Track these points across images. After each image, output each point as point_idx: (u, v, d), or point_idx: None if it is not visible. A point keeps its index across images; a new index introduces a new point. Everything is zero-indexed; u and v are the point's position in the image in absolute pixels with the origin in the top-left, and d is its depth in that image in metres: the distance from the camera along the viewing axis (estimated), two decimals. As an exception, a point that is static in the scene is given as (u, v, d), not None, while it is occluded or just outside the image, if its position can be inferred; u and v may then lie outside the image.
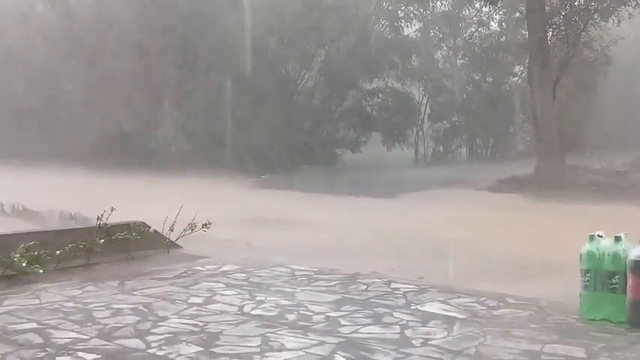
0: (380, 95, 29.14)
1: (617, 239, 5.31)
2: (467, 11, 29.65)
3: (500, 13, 28.49)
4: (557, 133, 20.84)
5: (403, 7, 28.60)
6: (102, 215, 7.83)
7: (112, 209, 7.81)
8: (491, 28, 29.96)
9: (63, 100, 26.80)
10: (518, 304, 6.01)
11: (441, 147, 30.23)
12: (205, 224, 8.54)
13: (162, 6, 26.48)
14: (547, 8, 21.46)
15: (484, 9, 28.37)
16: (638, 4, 20.41)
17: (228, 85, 25.85)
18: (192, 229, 8.57)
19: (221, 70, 26.15)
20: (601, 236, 5.42)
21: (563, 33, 22.24)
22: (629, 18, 22.14)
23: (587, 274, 5.40)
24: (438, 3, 28.58)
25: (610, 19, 22.37)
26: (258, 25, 25.82)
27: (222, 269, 7.51)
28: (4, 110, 27.07)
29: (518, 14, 25.67)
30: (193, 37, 26.08)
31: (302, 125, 27.34)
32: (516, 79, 29.65)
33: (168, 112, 26.43)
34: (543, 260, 8.42)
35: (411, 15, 29.33)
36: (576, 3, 21.14)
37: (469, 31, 30.34)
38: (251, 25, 25.64)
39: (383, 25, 29.40)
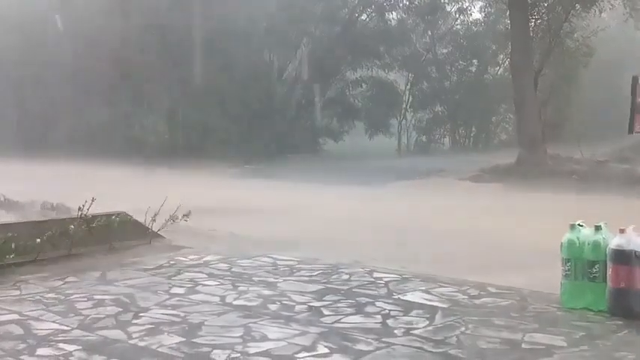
0: (363, 85, 29.16)
1: (598, 228, 5.34)
2: (450, 0, 29.66)
3: (483, 1, 28.58)
4: (539, 123, 20.97)
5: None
6: (83, 206, 7.76)
7: (93, 199, 7.74)
8: (473, 16, 30.04)
9: (43, 91, 26.53)
10: (500, 293, 6.04)
11: (424, 137, 30.32)
12: (185, 214, 8.49)
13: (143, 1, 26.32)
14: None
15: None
16: None
17: (210, 74, 25.73)
18: (174, 220, 8.52)
19: (203, 60, 26.02)
20: (581, 225, 5.45)
21: (545, 23, 22.32)
22: (610, 9, 22.28)
23: (568, 263, 5.44)
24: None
25: (591, 10, 22.47)
26: (242, 14, 25.71)
27: (204, 259, 7.48)
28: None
29: (499, 3, 25.73)
30: (174, 26, 25.89)
31: (285, 115, 27.30)
32: (499, 68, 29.76)
33: (150, 102, 26.27)
34: (524, 249, 8.47)
35: (395, 4, 29.30)
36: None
37: (452, 19, 30.38)
38: (234, 14, 25.53)
39: (368, 15, 29.36)
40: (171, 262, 7.32)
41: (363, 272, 6.88)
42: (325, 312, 5.47)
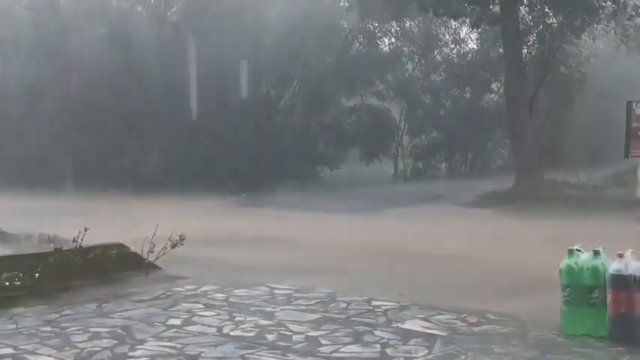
0: (357, 112, 29.31)
1: (596, 253, 5.33)
2: (444, 29, 29.90)
3: (477, 31, 28.81)
4: (535, 149, 21.04)
5: (381, 26, 28.79)
6: (77, 236, 7.72)
7: (86, 229, 7.69)
8: (468, 45, 30.30)
9: (38, 124, 26.52)
10: (499, 320, 6.01)
11: (420, 163, 30.39)
12: (180, 238, 8.35)
13: (143, 35, 26.53)
14: (521, 26, 21.75)
15: (463, 28, 28.70)
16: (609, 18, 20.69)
17: (206, 104, 25.83)
18: (172, 247, 8.43)
19: (198, 90, 26.14)
20: (580, 250, 5.44)
21: (537, 50, 22.52)
22: (603, 36, 22.52)
23: (567, 289, 5.42)
24: (416, 21, 28.77)
25: (583, 37, 22.70)
26: (237, 45, 25.90)
27: (201, 289, 7.44)
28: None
29: (493, 33, 25.98)
30: (169, 58, 26.08)
31: (282, 143, 27.35)
32: (493, 95, 29.94)
33: (146, 133, 26.30)
34: (523, 275, 8.45)
35: (389, 33, 29.54)
36: (550, 21, 21.45)
37: (446, 48, 30.65)
38: (230, 45, 25.72)
39: (361, 43, 29.58)
40: (168, 293, 7.28)
41: (360, 300, 6.84)
42: (323, 341, 5.43)
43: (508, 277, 8.52)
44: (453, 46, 30.55)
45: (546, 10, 21.51)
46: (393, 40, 29.94)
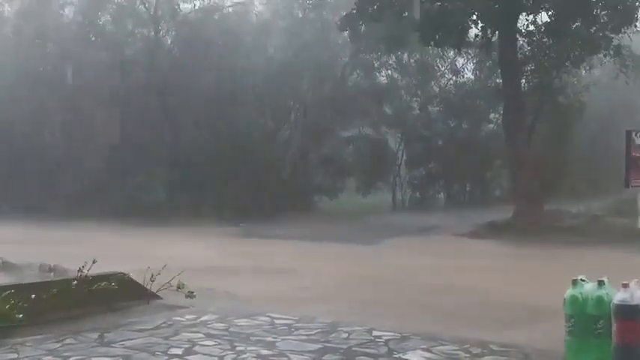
0: (354, 143, 29.41)
1: (600, 283, 5.30)
2: (439, 60, 30.11)
3: (474, 61, 29.04)
4: (534, 178, 21.04)
5: (378, 57, 29.03)
6: (83, 267, 7.72)
7: (94, 261, 7.70)
8: (465, 76, 30.47)
9: (40, 152, 26.60)
10: (502, 350, 5.97)
11: (418, 193, 30.40)
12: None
13: (142, 63, 26.74)
14: (519, 56, 21.93)
15: (458, 58, 28.89)
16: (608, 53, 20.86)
17: (206, 135, 25.97)
18: (170, 285, 8.41)
19: (197, 119, 26.29)
20: (584, 280, 5.42)
21: (536, 80, 22.67)
22: (601, 65, 22.68)
23: (571, 320, 5.38)
24: (413, 53, 28.98)
25: (582, 67, 22.87)
26: (235, 75, 26.11)
27: (201, 319, 7.40)
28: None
29: (490, 62, 26.18)
30: (171, 88, 26.25)
31: (279, 174, 27.37)
32: (492, 125, 30.06)
33: (146, 163, 26.37)
34: (525, 306, 8.40)
35: (387, 65, 29.73)
36: (548, 51, 21.62)
37: (443, 79, 30.84)
38: (229, 75, 25.93)
39: (359, 75, 29.77)
40: (169, 323, 7.23)
41: (362, 330, 6.80)
42: (325, 372, 5.39)
43: (510, 307, 8.47)
44: (450, 76, 30.75)
45: (544, 39, 21.66)
46: (390, 71, 30.14)
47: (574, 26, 20.39)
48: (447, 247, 16.49)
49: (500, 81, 23.57)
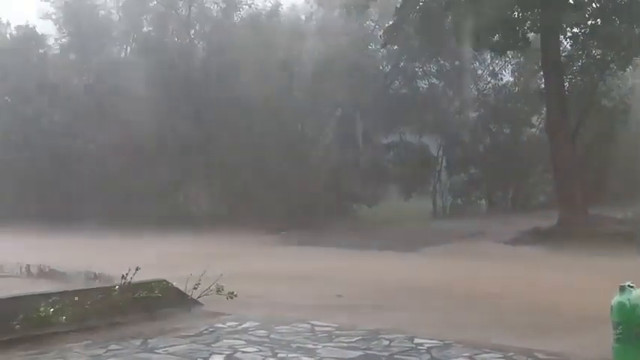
0: (395, 149, 29.27)
1: (648, 289, 5.15)
2: (478, 64, 29.82)
3: (513, 63, 28.69)
4: (579, 183, 20.63)
5: (420, 64, 28.86)
6: (126, 274, 7.84)
7: (137, 269, 7.82)
8: (503, 79, 30.09)
9: (84, 162, 27.08)
10: (548, 359, 5.85)
11: (460, 199, 30.07)
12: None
13: (179, 70, 27.08)
14: (562, 58, 21.58)
15: (496, 61, 28.57)
16: None
17: (246, 143, 26.12)
18: (211, 289, 8.51)
19: (239, 130, 26.46)
20: (632, 287, 5.27)
21: (580, 83, 22.27)
22: (646, 65, 22.21)
23: (619, 327, 5.23)
24: (452, 59, 28.73)
25: (627, 69, 22.39)
26: (275, 84, 26.23)
27: (243, 326, 7.43)
28: (21, 172, 27.30)
29: (530, 65, 25.81)
30: (210, 97, 26.51)
31: (320, 181, 27.32)
32: (534, 129, 29.61)
33: (190, 171, 26.63)
34: (572, 313, 8.23)
35: (428, 72, 29.54)
36: (593, 52, 21.22)
37: (482, 83, 30.52)
38: (269, 84, 26.05)
39: (400, 82, 29.64)
40: (211, 329, 7.28)
41: (403, 338, 6.74)
42: (367, 380, 5.35)
43: (556, 314, 8.31)
44: (489, 79, 30.42)
45: (589, 41, 21.29)
46: (430, 78, 29.96)
47: (619, 28, 19.98)
48: (490, 254, 16.26)
49: (542, 84, 23.20)
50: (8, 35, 31.22)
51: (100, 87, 27.43)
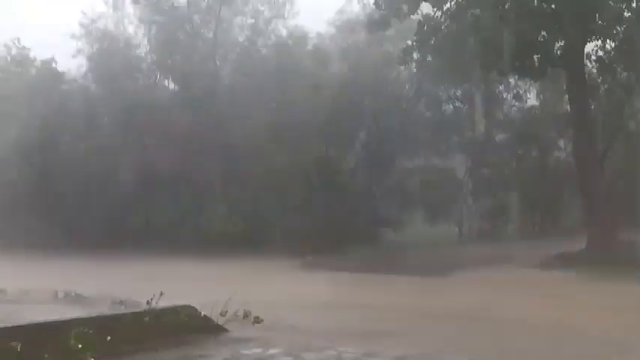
0: (421, 173, 29.15)
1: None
2: (503, 87, 29.72)
3: (538, 87, 28.56)
4: (608, 207, 20.35)
5: (443, 88, 28.85)
6: (151, 299, 7.86)
7: (161, 293, 7.84)
8: (529, 102, 29.94)
9: (110, 189, 27.30)
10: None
11: (487, 223, 29.80)
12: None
13: (204, 97, 27.35)
14: (588, 82, 21.42)
15: (521, 84, 28.47)
16: None
17: (270, 167, 26.20)
18: (244, 317, 8.52)
19: (263, 152, 26.57)
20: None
21: (606, 106, 22.08)
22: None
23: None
24: (476, 82, 28.66)
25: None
26: (296, 109, 26.37)
27: (268, 352, 7.38)
28: (43, 199, 27.57)
29: (556, 88, 25.65)
30: (233, 121, 26.70)
31: (344, 205, 27.27)
32: (561, 153, 29.36)
33: (212, 197, 26.73)
34: (604, 340, 8.06)
35: (451, 95, 29.52)
36: (618, 76, 21.06)
37: (506, 105, 30.38)
38: (294, 107, 26.19)
39: (424, 106, 29.63)
40: (236, 356, 7.25)
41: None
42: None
43: (588, 344, 8.13)
44: (514, 102, 30.29)
45: (614, 65, 21.14)
46: (455, 101, 29.92)
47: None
48: (518, 280, 16.04)
49: (568, 107, 23.04)
50: (34, 70, 31.83)
51: (127, 116, 27.68)
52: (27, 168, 27.74)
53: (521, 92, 29.64)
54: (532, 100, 29.86)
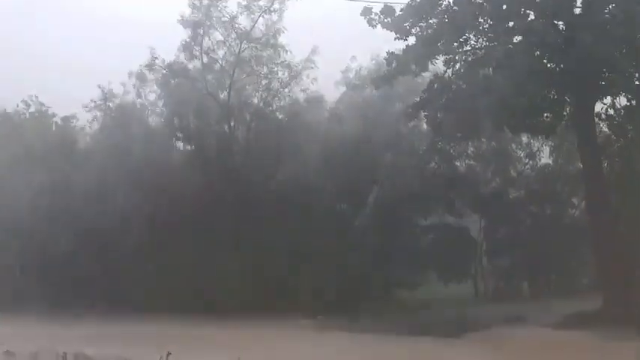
0: (435, 231, 28.97)
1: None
2: (516, 145, 29.77)
3: (550, 144, 28.61)
4: (624, 265, 20.09)
5: (455, 145, 28.95)
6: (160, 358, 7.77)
7: (169, 354, 7.75)
8: (542, 159, 29.94)
9: (119, 249, 27.20)
10: None
11: (502, 282, 29.45)
12: None
13: (218, 156, 27.57)
14: (599, 140, 21.42)
15: (533, 142, 28.53)
16: None
17: (280, 226, 26.15)
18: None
19: (274, 211, 26.56)
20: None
21: (618, 163, 22.01)
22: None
23: None
24: (488, 139, 28.74)
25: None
26: (312, 165, 26.46)
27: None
28: (54, 259, 27.52)
29: (568, 145, 25.66)
30: (245, 179, 26.83)
31: (357, 264, 27.03)
32: (574, 210, 29.17)
33: (224, 258, 26.60)
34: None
35: (464, 153, 29.55)
36: (629, 135, 21.08)
37: (520, 164, 30.38)
38: (302, 167, 26.29)
39: (436, 163, 29.61)
40: None
41: None
42: None
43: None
44: (526, 160, 30.30)
45: (624, 123, 21.17)
46: (468, 159, 29.93)
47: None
48: (533, 341, 15.71)
49: (580, 164, 22.98)
50: (53, 126, 32.19)
51: (138, 176, 27.79)
52: (39, 228, 27.79)
53: (534, 150, 29.69)
54: (545, 157, 29.88)
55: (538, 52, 19.82)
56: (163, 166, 27.74)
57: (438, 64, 22.50)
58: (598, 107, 21.31)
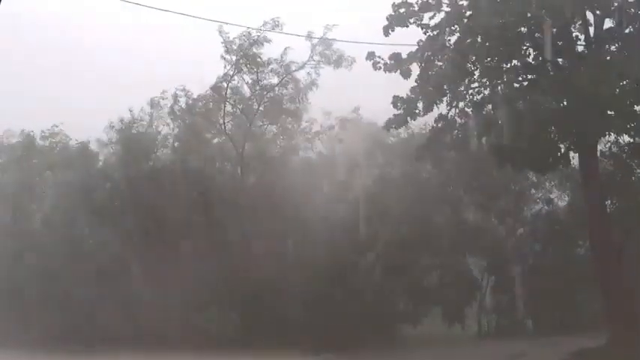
0: (438, 270, 28.93)
1: None
2: (530, 185, 29.82)
3: (554, 182, 28.71)
4: (629, 301, 20.04)
5: (463, 194, 29.05)
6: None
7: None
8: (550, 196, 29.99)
9: (122, 289, 27.13)
10: None
11: (505, 319, 29.34)
12: None
13: (226, 201, 27.71)
14: (603, 178, 21.51)
15: (546, 183, 28.62)
16: None
17: (284, 266, 26.16)
18: None
19: (276, 253, 26.58)
20: None
21: (623, 201, 22.08)
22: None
23: None
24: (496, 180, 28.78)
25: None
26: (318, 212, 26.58)
27: None
28: (65, 289, 27.51)
29: (572, 183, 25.77)
30: (241, 216, 26.89)
31: (360, 300, 26.93)
32: (580, 249, 29.15)
33: (221, 296, 26.51)
34: None
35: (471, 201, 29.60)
36: (634, 171, 21.19)
37: (530, 206, 30.42)
38: (311, 213, 26.38)
39: (443, 211, 29.57)
40: None
41: None
42: None
43: None
44: (541, 204, 30.31)
45: (628, 160, 21.32)
46: (479, 210, 29.77)
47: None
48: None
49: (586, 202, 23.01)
50: (68, 152, 31.97)
51: (145, 213, 27.86)
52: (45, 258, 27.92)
53: (548, 194, 29.77)
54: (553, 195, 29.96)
55: (540, 90, 20.00)
56: (167, 205, 27.70)
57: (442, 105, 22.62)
58: (602, 145, 21.54)
